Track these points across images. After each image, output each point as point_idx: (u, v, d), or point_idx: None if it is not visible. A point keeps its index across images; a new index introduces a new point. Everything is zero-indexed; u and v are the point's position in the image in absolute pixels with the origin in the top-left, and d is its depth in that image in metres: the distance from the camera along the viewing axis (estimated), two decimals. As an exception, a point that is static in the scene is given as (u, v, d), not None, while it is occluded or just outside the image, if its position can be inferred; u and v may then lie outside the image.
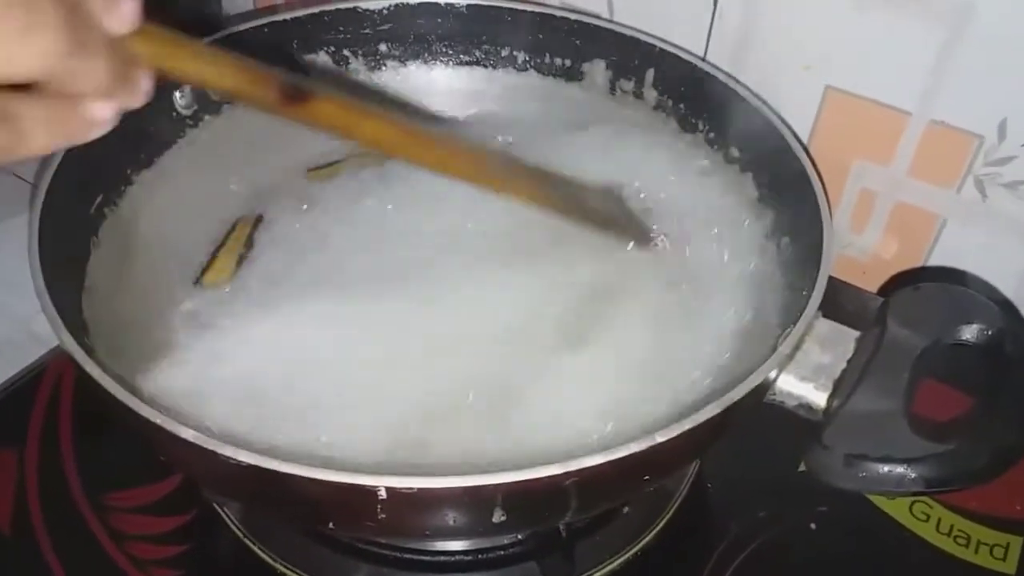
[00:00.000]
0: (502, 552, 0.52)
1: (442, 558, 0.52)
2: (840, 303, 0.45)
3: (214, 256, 0.58)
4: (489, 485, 0.37)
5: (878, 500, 0.56)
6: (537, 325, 0.52)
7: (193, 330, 0.52)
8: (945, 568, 0.53)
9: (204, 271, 0.57)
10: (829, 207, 0.49)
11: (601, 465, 0.37)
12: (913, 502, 0.56)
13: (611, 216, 0.56)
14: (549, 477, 0.37)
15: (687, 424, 0.38)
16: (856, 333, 0.45)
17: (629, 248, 0.56)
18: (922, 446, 0.39)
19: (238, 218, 0.60)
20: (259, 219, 0.60)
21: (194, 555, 0.53)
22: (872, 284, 0.67)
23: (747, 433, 0.43)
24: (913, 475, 0.38)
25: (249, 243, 0.58)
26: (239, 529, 0.53)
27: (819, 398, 0.43)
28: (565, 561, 0.51)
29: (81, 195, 0.53)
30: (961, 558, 0.54)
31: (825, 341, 0.44)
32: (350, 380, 0.49)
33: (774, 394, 0.44)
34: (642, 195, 0.60)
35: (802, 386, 0.44)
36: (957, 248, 0.63)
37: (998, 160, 0.58)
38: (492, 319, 0.52)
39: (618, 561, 0.53)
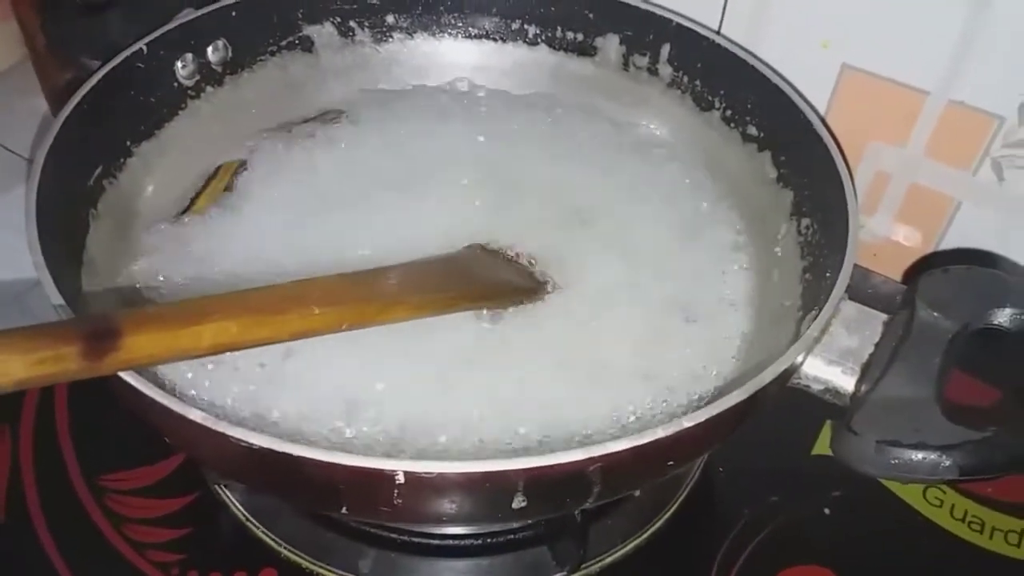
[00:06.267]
0: (512, 536, 0.51)
1: (451, 542, 0.51)
2: (853, 286, 0.44)
3: (194, 200, 0.57)
4: (510, 471, 0.36)
5: (892, 485, 0.55)
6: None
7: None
8: (959, 553, 0.53)
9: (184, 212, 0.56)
10: (854, 186, 0.48)
11: (626, 451, 0.36)
12: (927, 488, 0.55)
13: (497, 285, 0.52)
14: (572, 463, 0.36)
15: (714, 409, 0.38)
16: (884, 316, 0.44)
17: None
18: (958, 433, 0.38)
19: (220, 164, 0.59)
20: (242, 164, 0.59)
21: (195, 538, 0.52)
22: (884, 267, 0.67)
23: (759, 417, 0.42)
24: (948, 462, 0.37)
25: (230, 187, 0.58)
26: (242, 512, 0.52)
27: (847, 382, 0.42)
28: (576, 545, 0.50)
29: (79, 167, 0.51)
30: (975, 544, 0.53)
31: (851, 324, 0.43)
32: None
33: (799, 378, 0.43)
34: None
35: (829, 370, 0.43)
36: (971, 231, 0.63)
37: (1017, 142, 0.57)
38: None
39: (630, 546, 0.52)
